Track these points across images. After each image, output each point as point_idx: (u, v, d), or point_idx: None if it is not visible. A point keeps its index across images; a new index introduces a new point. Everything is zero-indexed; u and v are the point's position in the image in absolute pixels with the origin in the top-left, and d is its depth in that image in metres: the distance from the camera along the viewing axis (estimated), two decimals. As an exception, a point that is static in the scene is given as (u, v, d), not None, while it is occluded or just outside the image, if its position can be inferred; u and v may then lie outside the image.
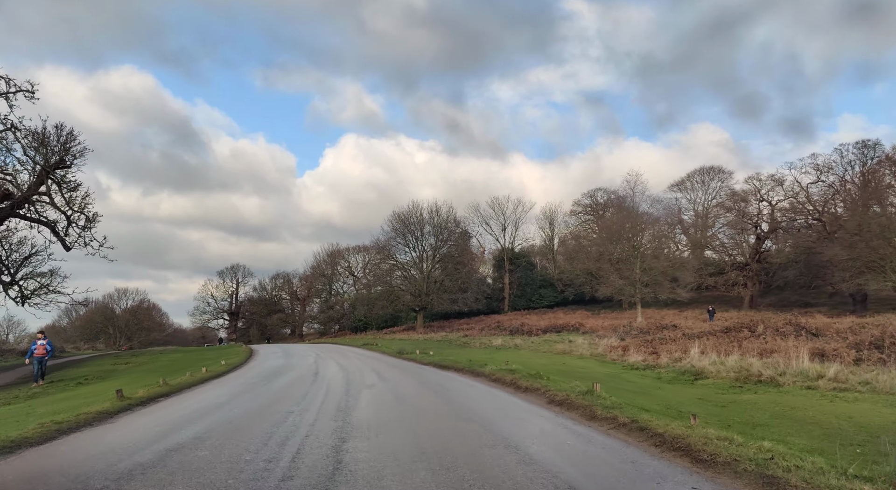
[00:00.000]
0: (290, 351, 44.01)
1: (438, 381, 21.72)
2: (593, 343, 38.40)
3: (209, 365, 31.34)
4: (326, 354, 39.43)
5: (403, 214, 77.38)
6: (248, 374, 26.52)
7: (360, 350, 45.89)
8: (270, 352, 43.89)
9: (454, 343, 48.92)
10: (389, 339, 60.68)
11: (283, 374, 25.54)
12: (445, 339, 54.08)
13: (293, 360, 34.82)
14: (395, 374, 24.62)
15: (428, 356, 33.88)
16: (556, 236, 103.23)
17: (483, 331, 58.50)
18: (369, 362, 32.28)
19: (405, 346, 45.59)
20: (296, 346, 51.49)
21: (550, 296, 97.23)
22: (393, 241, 77.87)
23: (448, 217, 77.79)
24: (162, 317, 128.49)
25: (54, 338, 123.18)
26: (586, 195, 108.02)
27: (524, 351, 38.22)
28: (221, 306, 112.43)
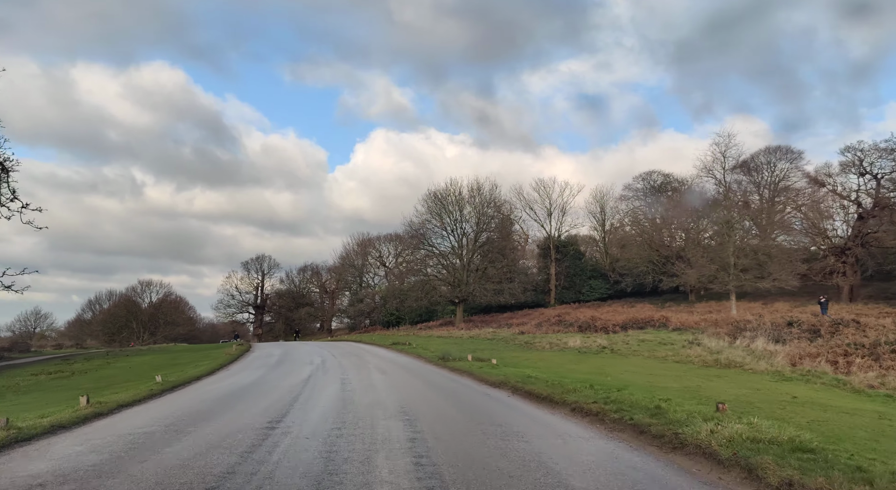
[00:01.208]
0: (291, 354, 31.06)
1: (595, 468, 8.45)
2: (724, 345, 24.66)
3: (166, 374, 18.77)
4: (338, 360, 26.51)
5: (440, 193, 64.23)
6: (159, 410, 13.43)
7: (387, 352, 32.78)
8: (265, 354, 31.10)
9: (512, 343, 35.55)
10: (426, 337, 47.53)
11: (209, 421, 12.39)
12: (497, 337, 40.71)
13: (278, 372, 21.83)
14: (455, 426, 10.79)
15: (491, 367, 20.80)
16: (607, 222, 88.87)
17: (542, 327, 45.00)
18: (398, 378, 19.31)
19: (448, 347, 32.38)
20: (306, 347, 38.71)
21: (602, 287, 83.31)
22: (428, 224, 64.65)
23: (491, 196, 64.35)
24: (189, 310, 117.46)
25: (78, 332, 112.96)
26: (638, 178, 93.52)
27: (633, 359, 24.89)
28: (246, 300, 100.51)
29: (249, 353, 32.15)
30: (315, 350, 34.01)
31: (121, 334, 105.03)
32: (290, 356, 28.81)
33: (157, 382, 18.04)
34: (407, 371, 21.63)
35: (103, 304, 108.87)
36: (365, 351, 33.47)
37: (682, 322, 41.57)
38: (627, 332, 39.29)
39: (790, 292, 63.96)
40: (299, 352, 32.48)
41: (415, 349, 32.80)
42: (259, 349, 36.15)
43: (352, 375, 19.57)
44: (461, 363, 23.72)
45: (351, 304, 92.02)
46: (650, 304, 68.43)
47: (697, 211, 58.73)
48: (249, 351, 34.19)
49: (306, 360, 26.56)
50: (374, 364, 24.43)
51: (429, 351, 30.51)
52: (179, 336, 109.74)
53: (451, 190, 64.31)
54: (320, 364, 24.06)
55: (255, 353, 31.79)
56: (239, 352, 32.44)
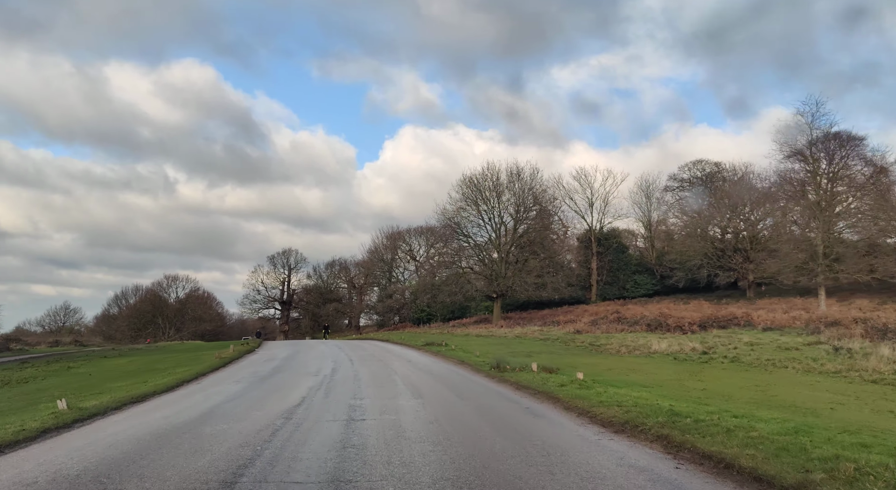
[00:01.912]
0: (298, 357, 23.67)
1: None
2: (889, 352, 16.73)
3: (103, 392, 11.93)
4: (354, 368, 19.17)
5: (476, 178, 56.62)
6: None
7: (420, 356, 25.30)
8: (266, 357, 23.81)
9: (572, 345, 27.89)
10: (462, 336, 40.03)
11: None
12: (548, 336, 33.07)
13: (262, 389, 14.46)
14: None
15: (580, 386, 13.45)
16: (653, 213, 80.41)
17: (598, 325, 37.19)
18: (440, 407, 12.05)
19: (494, 349, 24.88)
20: (323, 347, 31.19)
21: (647, 283, 75.05)
22: (462, 213, 57.10)
23: (532, 182, 56.56)
24: (217, 306, 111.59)
25: (106, 327, 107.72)
26: (684, 168, 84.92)
27: (781, 373, 16.70)
28: (273, 295, 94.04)
29: (249, 356, 25.06)
30: (331, 352, 26.64)
31: (146, 330, 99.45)
32: (295, 361, 21.56)
33: (59, 411, 10.83)
34: (451, 390, 14.14)
35: (130, 299, 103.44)
36: (392, 354, 26.04)
37: (771, 320, 33.47)
38: (709, 331, 31.35)
39: (864, 288, 55.28)
40: (310, 355, 25.12)
41: (454, 352, 25.30)
42: (266, 349, 29.08)
43: (368, 400, 12.13)
44: (526, 376, 16.19)
45: (380, 300, 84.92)
46: (706, 300, 60.20)
47: (773, 194, 50.40)
48: (252, 352, 27.11)
49: (312, 367, 19.25)
50: (404, 376, 16.99)
51: (473, 355, 22.99)
52: (206, 332, 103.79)
53: (487, 175, 56.78)
54: (328, 376, 16.68)
55: (256, 356, 24.64)
56: (237, 353, 25.30)
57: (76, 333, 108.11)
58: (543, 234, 56.04)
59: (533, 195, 56.46)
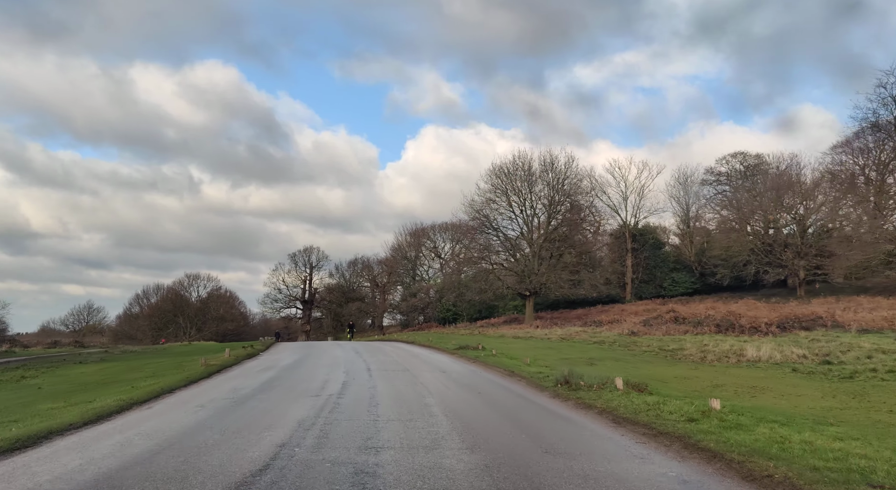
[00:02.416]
0: (304, 366, 18.44)
1: None
2: None
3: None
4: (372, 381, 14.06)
5: (507, 167, 51.30)
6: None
7: (454, 363, 20.01)
8: (265, 365, 18.62)
9: (637, 350, 22.45)
10: (496, 338, 34.75)
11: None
12: (601, 339, 27.66)
13: (223, 425, 9.07)
14: None
15: (729, 426, 7.67)
16: (692, 208, 74.38)
17: (651, 326, 31.71)
18: (516, 474, 6.00)
19: (546, 355, 19.67)
20: (337, 350, 25.66)
21: (686, 281, 69.10)
22: (492, 204, 51.81)
23: (567, 171, 51.08)
24: (240, 305, 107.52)
25: (128, 327, 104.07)
26: (721, 161, 78.87)
27: None
28: (294, 294, 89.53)
29: (247, 362, 20.08)
30: (347, 358, 21.47)
31: (167, 329, 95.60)
32: (298, 371, 16.48)
33: None
34: (518, 426, 8.87)
35: (151, 298, 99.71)
36: (420, 360, 20.81)
37: (861, 321, 27.73)
38: (794, 333, 25.70)
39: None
40: (320, 361, 19.93)
41: (495, 358, 20.04)
42: (272, 353, 24.12)
43: (389, 455, 6.89)
44: (613, 398, 10.90)
45: (403, 299, 79.88)
46: (754, 299, 54.25)
47: (838, 182, 44.51)
48: (253, 357, 22.14)
49: (317, 381, 14.12)
50: (441, 398, 11.74)
51: (521, 363, 17.75)
52: (228, 332, 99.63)
53: (519, 164, 51.42)
54: (333, 397, 11.46)
55: (254, 363, 19.61)
56: (233, 359, 20.31)
57: (100, 332, 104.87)
58: (579, 227, 50.56)
59: (568, 186, 51.00)
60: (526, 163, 51.28)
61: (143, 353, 28.58)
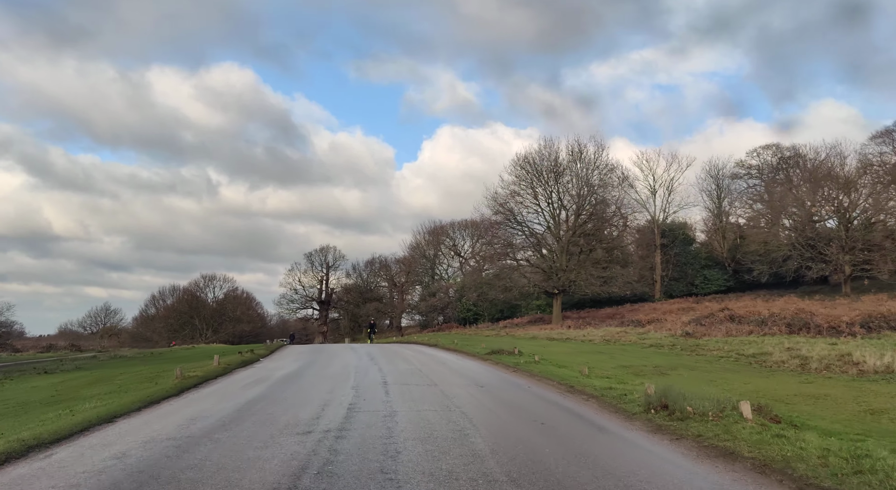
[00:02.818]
0: (304, 377, 14.41)
1: None
2: None
3: None
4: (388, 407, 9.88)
5: (532, 157, 47.20)
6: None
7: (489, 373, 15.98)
8: (257, 377, 14.61)
9: (709, 355, 18.31)
10: (529, 340, 30.70)
11: None
12: (653, 341, 23.57)
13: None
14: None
15: None
16: (724, 202, 69.63)
17: (708, 326, 27.42)
18: None
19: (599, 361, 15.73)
20: (349, 355, 21.38)
21: (719, 278, 64.47)
22: (517, 197, 47.74)
23: (597, 161, 46.89)
24: (257, 306, 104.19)
25: (143, 328, 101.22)
26: (752, 154, 73.99)
27: None
28: (310, 294, 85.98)
29: (239, 371, 16.26)
30: (359, 365, 17.49)
31: (183, 331, 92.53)
32: (293, 388, 12.56)
33: None
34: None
35: (167, 299, 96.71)
36: (448, 369, 16.79)
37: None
38: (882, 334, 21.50)
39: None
40: (326, 371, 15.87)
41: (540, 366, 16.01)
42: (273, 360, 20.32)
43: None
44: (762, 441, 6.89)
45: (422, 299, 76.00)
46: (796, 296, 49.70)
47: None
48: (248, 365, 18.32)
49: (312, 405, 10.12)
50: (487, 431, 7.76)
51: (576, 373, 13.74)
52: (245, 333, 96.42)
53: (545, 154, 47.31)
54: (330, 435, 7.53)
55: (244, 374, 15.76)
56: (222, 368, 16.46)
57: (116, 335, 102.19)
58: (609, 221, 46.35)
59: (598, 177, 46.80)
60: (553, 152, 47.22)
61: (131, 360, 24.89)
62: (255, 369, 16.59)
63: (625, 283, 45.45)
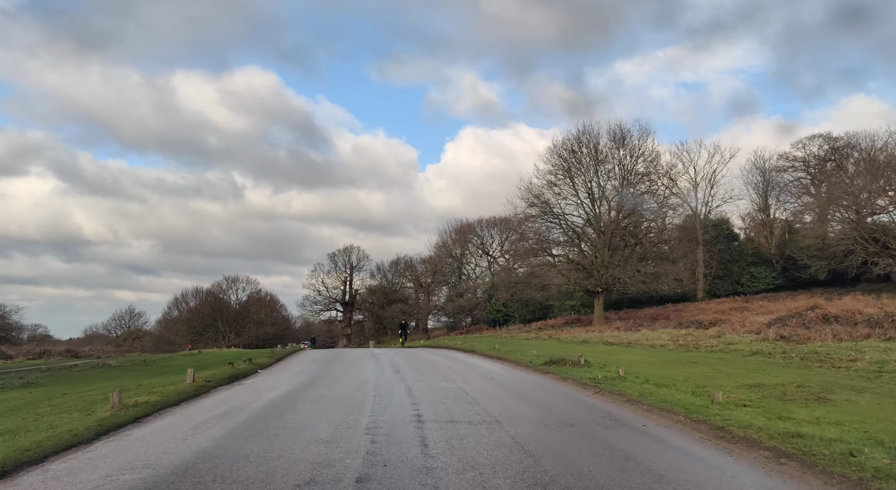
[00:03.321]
0: (302, 401, 9.63)
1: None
2: None
3: None
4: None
5: (571, 143, 42.16)
6: None
7: (583, 401, 11.01)
8: (239, 402, 9.81)
9: (868, 372, 12.90)
10: (580, 343, 25.76)
11: None
12: (760, 349, 18.31)
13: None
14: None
15: None
16: (771, 196, 63.68)
17: (788, 325, 22.15)
18: None
19: (729, 385, 10.22)
20: (367, 366, 16.59)
21: (767, 276, 58.53)
22: (553, 188, 42.72)
23: (642, 147, 41.73)
24: (281, 309, 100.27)
25: (166, 331, 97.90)
26: (797, 145, 67.70)
27: None
28: (334, 296, 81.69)
29: (215, 392, 11.68)
30: (380, 383, 12.62)
31: (206, 334, 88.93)
32: (274, 428, 7.89)
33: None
34: None
35: (190, 302, 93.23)
36: (502, 388, 11.95)
37: None
38: None
39: None
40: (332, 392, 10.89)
41: (630, 385, 11.13)
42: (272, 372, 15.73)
43: None
44: None
45: (449, 300, 71.17)
46: (860, 294, 43.89)
47: None
48: (235, 381, 13.73)
49: (294, 478, 5.40)
50: None
51: (698, 398, 8.93)
52: (268, 336, 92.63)
53: (584, 140, 42.24)
54: None
55: (222, 395, 11.14)
56: (194, 388, 11.87)
57: (139, 338, 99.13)
58: (656, 212, 41.11)
59: (643, 165, 41.62)
60: (593, 138, 42.14)
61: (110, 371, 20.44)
62: (240, 389, 11.97)
63: (675, 281, 40.16)
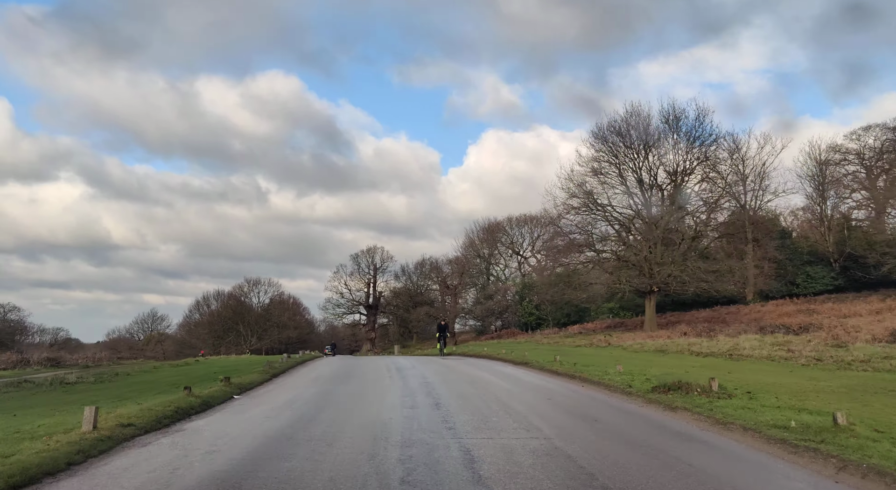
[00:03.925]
0: (273, 470, 4.47)
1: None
2: None
3: None
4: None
5: (617, 125, 36.74)
6: None
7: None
8: (201, 448, 4.79)
9: None
10: (652, 354, 20.38)
11: None
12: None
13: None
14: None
15: None
16: (828, 190, 57.16)
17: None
18: None
19: None
20: (391, 390, 11.68)
21: (824, 276, 52.04)
22: (599, 176, 37.29)
23: (700, 128, 36.15)
24: (304, 312, 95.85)
25: (187, 335, 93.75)
26: (851, 137, 60.89)
27: None
28: (357, 298, 76.88)
29: (149, 442, 6.78)
30: (413, 426, 7.69)
31: (227, 337, 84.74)
32: None
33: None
34: None
35: (211, 305, 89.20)
36: (645, 452, 6.74)
37: None
38: None
39: None
40: (322, 468, 6.27)
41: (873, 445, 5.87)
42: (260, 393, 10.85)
43: None
44: None
45: (477, 302, 65.84)
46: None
47: None
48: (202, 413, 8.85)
49: None
50: None
51: None
52: (291, 340, 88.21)
53: (632, 121, 36.80)
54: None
55: (123, 462, 6.16)
56: (111, 428, 6.91)
57: (160, 341, 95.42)
58: (717, 202, 35.45)
59: (700, 149, 36.04)
60: (643, 119, 36.65)
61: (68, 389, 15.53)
62: (157, 451, 6.85)
63: (741, 280, 34.41)
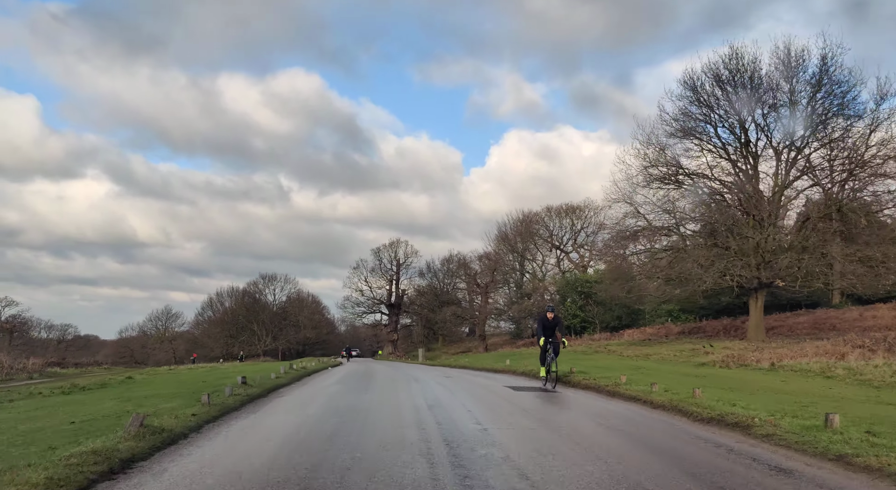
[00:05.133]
0: None
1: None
2: None
3: None
4: None
5: (715, 70, 26.34)
6: None
7: None
8: None
9: None
10: (818, 377, 9.78)
11: None
12: None
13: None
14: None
15: None
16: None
17: None
18: None
19: None
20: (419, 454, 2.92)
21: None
22: (690, 137, 26.97)
23: (830, 71, 25.52)
24: (324, 311, 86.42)
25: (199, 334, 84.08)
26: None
27: None
28: (378, 297, 67.05)
29: None
30: None
31: (240, 337, 75.42)
32: None
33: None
34: None
35: (224, 302, 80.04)
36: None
37: None
38: None
39: None
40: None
41: None
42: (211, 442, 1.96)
43: None
44: None
45: (512, 302, 55.60)
46: None
47: None
48: None
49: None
50: None
51: None
52: (308, 341, 78.75)
53: (733, 65, 26.41)
54: None
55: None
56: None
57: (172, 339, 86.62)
58: (864, 168, 24.98)
59: (829, 98, 25.54)
60: (748, 63, 26.22)
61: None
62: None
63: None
